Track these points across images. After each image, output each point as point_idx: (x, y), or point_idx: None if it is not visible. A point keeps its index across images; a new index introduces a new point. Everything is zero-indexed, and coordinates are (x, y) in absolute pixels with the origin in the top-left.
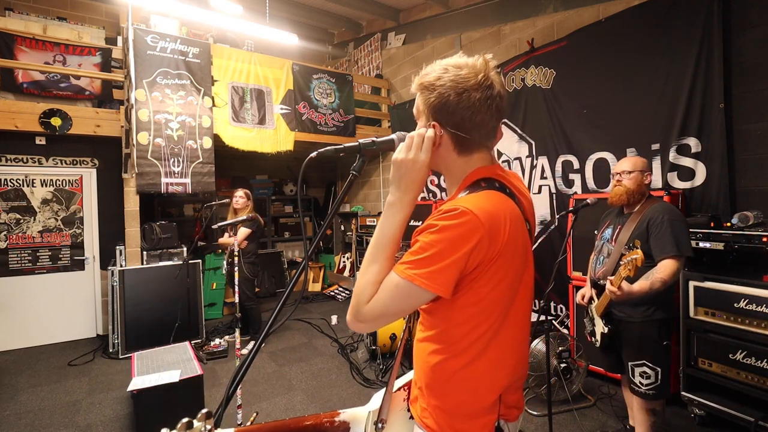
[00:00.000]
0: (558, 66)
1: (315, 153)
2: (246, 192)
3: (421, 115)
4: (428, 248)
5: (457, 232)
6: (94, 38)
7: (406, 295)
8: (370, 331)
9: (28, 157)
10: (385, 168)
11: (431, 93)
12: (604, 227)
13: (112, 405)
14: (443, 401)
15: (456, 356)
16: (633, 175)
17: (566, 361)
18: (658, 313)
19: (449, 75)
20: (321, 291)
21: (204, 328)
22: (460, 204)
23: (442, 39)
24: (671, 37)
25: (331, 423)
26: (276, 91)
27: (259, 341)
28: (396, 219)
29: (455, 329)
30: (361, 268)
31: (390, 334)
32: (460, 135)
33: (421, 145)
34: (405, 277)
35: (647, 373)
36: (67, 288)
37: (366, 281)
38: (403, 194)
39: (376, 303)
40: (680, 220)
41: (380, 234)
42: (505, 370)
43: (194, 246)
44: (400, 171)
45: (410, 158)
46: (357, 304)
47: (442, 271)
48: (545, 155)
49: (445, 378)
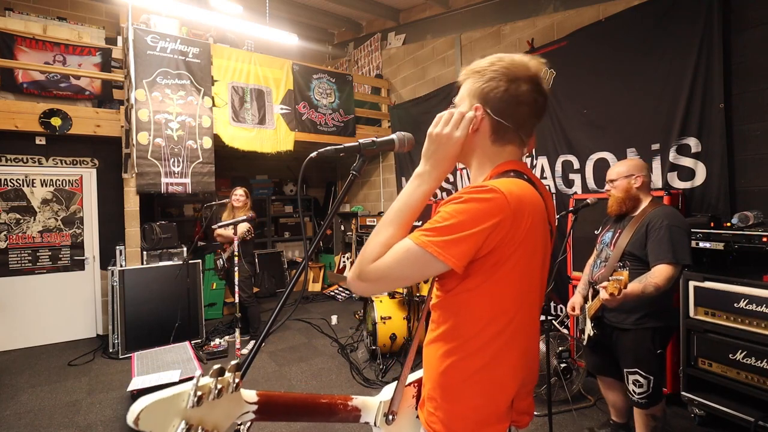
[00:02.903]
0: (558, 66)
1: (315, 153)
2: (245, 190)
3: (464, 100)
4: (449, 218)
5: (481, 206)
6: (94, 38)
7: (415, 260)
8: (369, 294)
9: (28, 157)
10: (385, 168)
11: (481, 77)
12: (605, 230)
13: (112, 405)
14: (455, 406)
15: (469, 356)
16: (618, 183)
17: (566, 361)
18: (651, 321)
19: (503, 63)
20: (321, 291)
21: (204, 328)
22: (488, 183)
23: (442, 39)
24: (671, 37)
25: (345, 406)
26: (276, 91)
27: (259, 341)
28: (421, 189)
29: (469, 325)
30: (375, 229)
31: (390, 334)
32: (501, 122)
33: (458, 123)
34: (418, 242)
35: (640, 381)
36: (67, 288)
37: (376, 242)
38: (432, 168)
39: (381, 263)
40: (680, 227)
41: (402, 200)
42: (520, 372)
43: (194, 246)
44: (433, 145)
45: (446, 133)
46: (361, 262)
47: (458, 242)
48: (545, 155)
49: (458, 381)
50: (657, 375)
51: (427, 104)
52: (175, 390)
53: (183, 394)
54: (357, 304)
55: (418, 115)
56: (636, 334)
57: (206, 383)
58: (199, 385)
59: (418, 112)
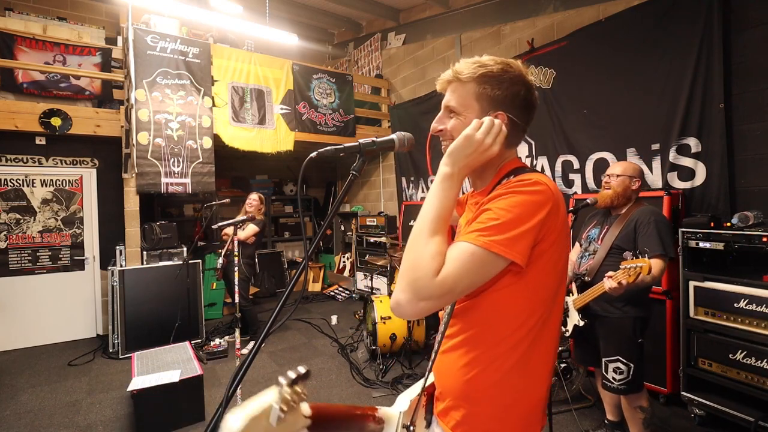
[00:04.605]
0: (558, 66)
1: (315, 153)
2: (259, 196)
3: (472, 106)
4: (504, 214)
5: (533, 198)
6: (94, 38)
7: (482, 264)
8: (427, 314)
9: (28, 157)
10: (385, 168)
11: (500, 84)
12: (591, 226)
13: (112, 405)
14: (485, 409)
15: (499, 358)
16: (620, 179)
17: (566, 361)
18: (635, 310)
19: (515, 70)
20: (321, 291)
21: (204, 328)
22: (530, 176)
23: (442, 39)
24: (671, 37)
25: (373, 417)
26: (276, 91)
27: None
28: (451, 193)
29: (502, 326)
30: (414, 242)
31: (390, 334)
32: (521, 126)
33: (497, 135)
34: (481, 244)
35: (620, 368)
36: (67, 288)
37: (428, 254)
38: (459, 171)
39: (447, 275)
40: (666, 223)
41: (438, 206)
42: (552, 364)
43: (194, 246)
44: (468, 149)
45: (487, 143)
46: (419, 279)
47: (521, 237)
48: (545, 155)
49: (487, 386)
50: (637, 363)
51: (427, 104)
52: (262, 404)
53: (268, 409)
54: (357, 304)
55: (418, 115)
56: (620, 321)
57: (286, 396)
58: (283, 397)
59: (418, 112)
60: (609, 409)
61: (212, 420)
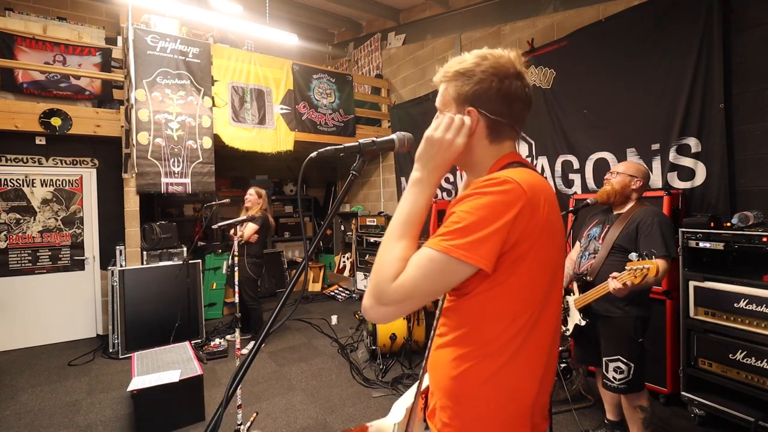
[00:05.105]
0: (558, 66)
1: (315, 153)
2: (257, 190)
3: (450, 104)
4: (467, 217)
5: (498, 199)
6: (94, 38)
7: (441, 270)
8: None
9: (28, 157)
10: (385, 168)
11: (469, 79)
12: (592, 225)
13: (112, 405)
14: (472, 410)
15: (487, 358)
16: (620, 177)
17: (566, 361)
18: (636, 310)
19: (489, 62)
20: (321, 291)
21: (204, 328)
22: (499, 174)
23: (442, 39)
24: (671, 37)
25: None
26: (276, 91)
27: (259, 341)
28: (423, 196)
29: (490, 327)
30: (382, 246)
31: (390, 334)
32: (500, 121)
33: (460, 129)
34: (440, 249)
35: (621, 368)
36: (67, 288)
37: (391, 258)
38: (429, 174)
39: (404, 280)
40: (668, 224)
41: (407, 210)
42: (540, 369)
43: (194, 246)
44: (432, 150)
45: (448, 139)
46: (379, 283)
47: (483, 241)
48: (545, 155)
49: (474, 385)
50: (638, 363)
51: (427, 104)
52: None
53: None
54: (357, 304)
55: (418, 115)
56: (621, 321)
57: None
58: None
59: (418, 112)
60: (609, 408)
61: (212, 420)
